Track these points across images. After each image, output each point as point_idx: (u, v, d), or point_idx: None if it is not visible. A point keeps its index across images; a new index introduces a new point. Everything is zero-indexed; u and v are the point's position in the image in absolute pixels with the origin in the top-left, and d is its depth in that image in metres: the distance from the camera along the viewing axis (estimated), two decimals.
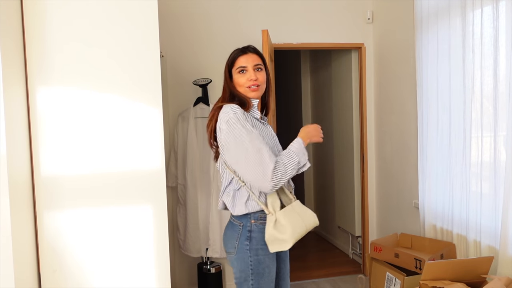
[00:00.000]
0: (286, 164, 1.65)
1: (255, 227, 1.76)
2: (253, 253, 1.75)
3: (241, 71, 1.80)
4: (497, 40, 2.24)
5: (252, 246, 1.75)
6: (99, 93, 1.89)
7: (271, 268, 1.79)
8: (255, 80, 1.79)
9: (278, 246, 1.70)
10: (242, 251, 1.76)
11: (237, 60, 1.81)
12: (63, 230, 1.88)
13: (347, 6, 3.71)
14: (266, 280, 1.78)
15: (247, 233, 1.76)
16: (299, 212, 1.76)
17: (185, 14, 3.42)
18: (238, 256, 1.77)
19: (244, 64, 1.80)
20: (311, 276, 3.78)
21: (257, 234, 1.75)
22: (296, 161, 1.67)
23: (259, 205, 1.74)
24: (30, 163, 1.85)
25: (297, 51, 5.21)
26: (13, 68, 1.72)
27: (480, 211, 2.41)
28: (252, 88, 1.79)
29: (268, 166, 1.61)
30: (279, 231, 1.69)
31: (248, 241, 1.76)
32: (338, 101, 4.37)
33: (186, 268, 3.48)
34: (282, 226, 1.68)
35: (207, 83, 3.28)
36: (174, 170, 3.33)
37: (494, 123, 2.28)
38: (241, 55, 1.81)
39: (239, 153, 1.66)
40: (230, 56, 1.85)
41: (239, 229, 1.77)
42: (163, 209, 1.96)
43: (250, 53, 1.82)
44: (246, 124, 1.68)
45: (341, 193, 4.44)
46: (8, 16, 1.69)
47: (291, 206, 1.76)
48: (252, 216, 1.76)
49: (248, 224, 1.76)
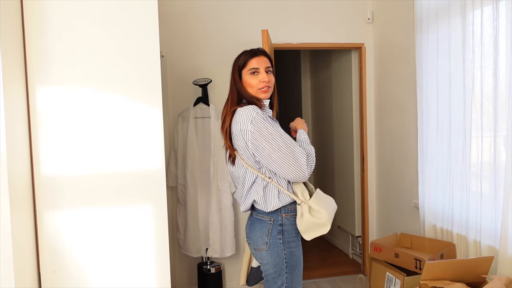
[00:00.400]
0: (311, 153, 1.80)
1: (286, 220, 1.84)
2: (286, 246, 1.83)
3: (253, 72, 1.87)
4: (497, 40, 2.24)
5: (285, 239, 1.84)
6: (99, 93, 1.89)
7: (301, 259, 1.89)
8: (267, 82, 1.87)
9: (317, 232, 1.81)
10: (275, 245, 1.83)
11: (250, 62, 1.88)
12: (63, 230, 1.88)
13: (347, 6, 3.71)
14: (297, 272, 1.87)
15: (279, 227, 1.83)
16: (324, 197, 1.89)
17: (185, 14, 3.42)
18: (271, 251, 1.83)
19: (257, 66, 1.87)
20: (311, 276, 3.78)
21: (288, 227, 1.84)
22: (312, 149, 1.83)
23: (290, 197, 1.83)
24: (30, 162, 1.85)
25: (297, 51, 5.20)
26: (13, 68, 1.72)
27: (480, 211, 2.41)
28: (263, 89, 1.87)
29: (302, 157, 1.74)
30: (316, 217, 1.79)
31: (280, 234, 1.83)
32: (338, 101, 4.37)
33: (186, 268, 3.48)
34: (317, 212, 1.79)
35: (207, 83, 3.28)
36: (174, 170, 3.33)
37: (494, 123, 2.28)
38: (253, 57, 1.88)
39: (272, 149, 1.74)
40: (241, 58, 1.90)
41: (270, 224, 1.84)
42: (163, 209, 1.96)
43: (261, 55, 1.90)
44: (269, 120, 1.78)
45: (341, 193, 4.44)
46: (8, 16, 1.69)
47: (316, 193, 1.88)
48: (282, 210, 1.84)
49: (279, 218, 1.84)
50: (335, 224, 4.60)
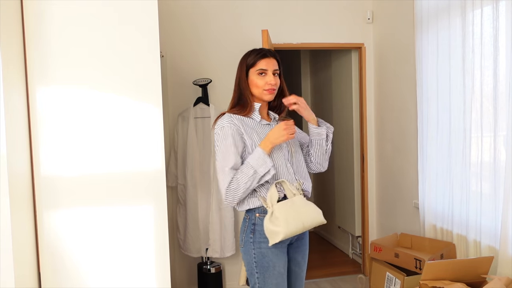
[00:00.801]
0: (239, 179, 1.74)
1: (259, 220, 1.82)
2: (256, 245, 1.81)
3: (261, 73, 1.87)
4: (497, 40, 2.24)
5: (256, 239, 1.82)
6: (99, 93, 1.89)
7: (276, 262, 1.82)
8: (273, 85, 1.87)
9: (272, 239, 1.75)
10: (247, 243, 1.84)
11: (259, 62, 1.87)
12: (63, 230, 1.88)
13: (347, 6, 3.70)
14: (271, 274, 1.81)
15: (252, 226, 1.83)
16: (299, 207, 1.81)
17: (185, 14, 3.42)
18: (244, 248, 1.85)
19: (265, 67, 1.87)
20: (311, 276, 3.77)
21: (260, 228, 1.81)
22: (250, 174, 1.73)
23: (259, 201, 1.82)
24: (30, 163, 1.85)
25: (297, 51, 5.20)
26: (13, 68, 1.72)
27: (480, 211, 2.41)
28: (269, 91, 1.87)
29: (223, 183, 1.76)
30: (273, 224, 1.75)
31: (252, 233, 1.83)
32: (338, 101, 4.37)
33: (186, 268, 3.48)
34: (276, 219, 1.74)
35: (207, 83, 3.28)
36: (174, 170, 3.33)
37: (494, 123, 2.28)
38: (263, 58, 1.88)
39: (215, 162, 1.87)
40: (250, 56, 1.89)
41: (246, 223, 1.86)
42: (163, 209, 1.96)
43: (271, 57, 1.90)
44: (226, 138, 1.79)
45: (341, 193, 4.44)
46: (8, 16, 1.69)
47: (291, 200, 1.81)
48: (257, 209, 1.83)
49: (253, 217, 1.83)
50: (335, 224, 4.60)
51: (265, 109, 1.95)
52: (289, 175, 1.87)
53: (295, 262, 1.96)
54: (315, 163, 2.04)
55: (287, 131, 1.79)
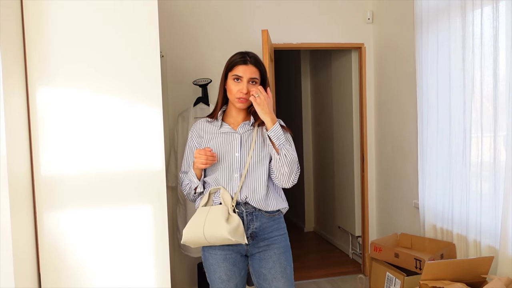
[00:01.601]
0: (184, 183, 1.92)
1: None
2: (204, 247, 1.86)
3: (236, 79, 1.81)
4: (497, 40, 2.24)
5: None
6: (99, 93, 1.89)
7: (216, 268, 1.82)
8: (245, 94, 1.79)
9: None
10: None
11: (236, 68, 1.81)
12: (63, 230, 1.88)
13: (347, 6, 3.70)
14: (212, 278, 1.84)
15: None
16: (210, 219, 1.72)
17: (185, 14, 3.42)
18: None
19: (241, 74, 1.80)
20: (311, 276, 3.78)
21: None
22: (186, 183, 1.91)
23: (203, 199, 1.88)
24: (30, 163, 1.85)
25: (297, 51, 5.20)
26: (13, 68, 1.72)
27: (480, 211, 2.41)
28: (240, 100, 1.81)
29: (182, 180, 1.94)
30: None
31: None
32: (338, 101, 4.37)
33: (186, 268, 3.48)
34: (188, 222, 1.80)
35: (207, 83, 3.28)
36: (174, 170, 3.32)
37: (494, 123, 2.28)
38: (241, 64, 1.81)
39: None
40: (231, 58, 1.85)
41: None
42: (163, 209, 1.96)
43: (250, 64, 1.81)
44: (186, 145, 1.97)
45: (341, 193, 4.44)
46: (8, 16, 1.69)
47: (208, 208, 1.77)
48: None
49: None
50: (335, 224, 4.61)
51: (240, 114, 1.89)
52: (232, 186, 1.80)
53: (260, 275, 1.82)
54: (276, 174, 1.82)
55: (197, 159, 1.76)
